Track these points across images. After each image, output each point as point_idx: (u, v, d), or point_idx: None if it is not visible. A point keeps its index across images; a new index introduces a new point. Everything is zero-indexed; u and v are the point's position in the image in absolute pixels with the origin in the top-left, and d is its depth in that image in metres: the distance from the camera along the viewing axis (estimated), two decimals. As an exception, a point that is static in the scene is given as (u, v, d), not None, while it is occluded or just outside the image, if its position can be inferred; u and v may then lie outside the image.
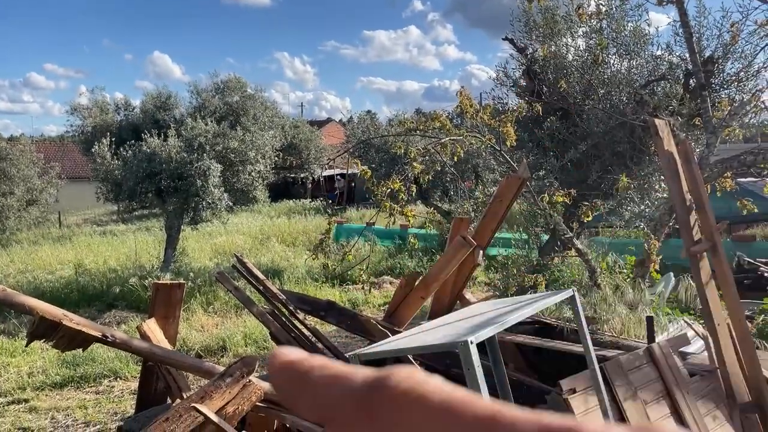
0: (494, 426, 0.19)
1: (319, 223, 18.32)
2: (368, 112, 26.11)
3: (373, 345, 3.11)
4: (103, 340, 3.50)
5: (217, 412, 2.99)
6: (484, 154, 8.30)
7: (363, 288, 10.43)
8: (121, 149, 12.93)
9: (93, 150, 13.32)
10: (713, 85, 7.13)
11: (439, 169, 8.75)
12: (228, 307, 9.93)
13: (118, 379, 7.12)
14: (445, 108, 7.96)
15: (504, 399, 3.13)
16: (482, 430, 0.19)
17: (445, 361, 3.85)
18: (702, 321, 4.65)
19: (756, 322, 5.55)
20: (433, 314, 4.68)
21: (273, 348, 7.05)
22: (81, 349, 3.66)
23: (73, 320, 3.41)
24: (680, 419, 3.42)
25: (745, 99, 6.81)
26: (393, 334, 3.85)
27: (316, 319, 5.02)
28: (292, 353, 0.24)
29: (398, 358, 3.83)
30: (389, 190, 5.91)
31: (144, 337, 3.92)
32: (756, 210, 6.45)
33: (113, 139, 13.40)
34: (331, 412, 0.22)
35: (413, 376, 0.21)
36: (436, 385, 0.21)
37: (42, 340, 3.50)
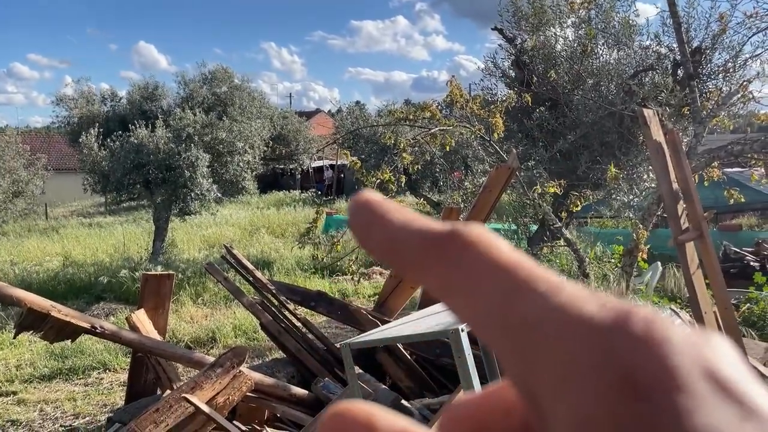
0: (554, 292, 0.20)
1: (308, 214, 18.29)
2: (357, 102, 26.04)
3: (363, 334, 3.11)
4: (92, 332, 3.48)
5: (208, 403, 2.99)
6: (473, 144, 8.31)
7: (353, 279, 10.44)
8: (108, 140, 12.82)
9: (80, 141, 13.19)
10: (701, 76, 7.17)
11: (429, 159, 8.76)
12: (218, 299, 9.89)
13: (108, 371, 7.09)
14: (435, 98, 7.98)
15: (494, 387, 3.14)
16: (540, 292, 0.20)
17: (435, 350, 3.87)
18: (689, 309, 4.70)
19: (742, 311, 5.62)
20: (423, 304, 4.69)
21: (264, 337, 7.00)
22: (69, 341, 3.64)
23: (62, 311, 3.39)
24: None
25: (733, 89, 6.86)
26: (383, 324, 3.85)
27: (306, 309, 5.02)
28: (374, 195, 0.24)
29: (388, 347, 3.84)
30: (379, 180, 5.91)
31: (133, 328, 3.90)
32: (743, 200, 6.51)
33: (100, 130, 13.28)
34: (402, 250, 0.22)
35: (486, 233, 0.22)
36: (505, 244, 0.22)
37: (30, 332, 3.48)
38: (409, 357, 3.97)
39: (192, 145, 12.46)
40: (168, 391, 3.50)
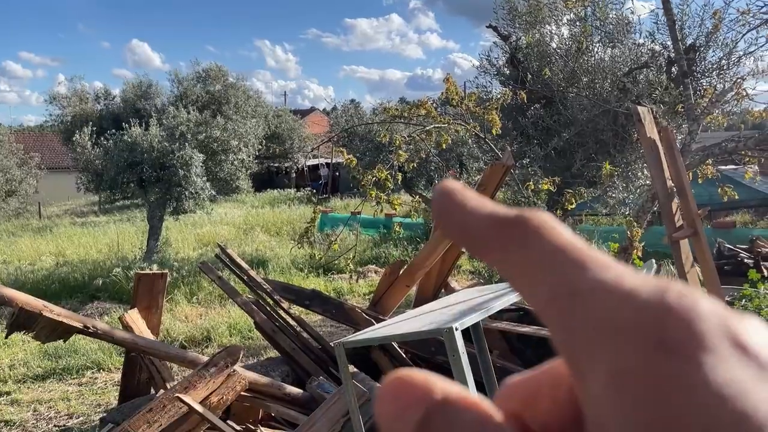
0: (601, 269, 0.22)
1: (303, 213, 18.26)
2: (352, 101, 26.01)
3: (357, 333, 3.10)
4: (85, 331, 3.46)
5: (202, 402, 2.97)
6: (468, 142, 8.30)
7: (348, 277, 10.43)
8: (102, 139, 12.77)
9: (73, 140, 13.14)
10: (695, 73, 7.18)
11: (424, 157, 8.75)
12: (212, 298, 9.87)
13: (101, 370, 7.06)
14: (430, 96, 7.97)
15: (489, 386, 3.14)
16: (587, 269, 0.22)
17: (430, 348, 3.86)
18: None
19: (736, 308, 5.63)
20: (418, 302, 4.68)
21: (259, 336, 6.98)
22: (62, 341, 3.62)
23: (54, 311, 3.37)
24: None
25: (727, 87, 6.87)
26: (378, 323, 3.84)
27: (301, 308, 5.01)
28: (455, 184, 0.27)
29: (383, 346, 3.83)
30: (375, 178, 5.89)
31: (126, 327, 3.88)
32: (736, 197, 6.53)
33: (94, 129, 13.23)
34: (475, 232, 0.25)
35: (549, 219, 0.24)
36: (564, 230, 0.24)
37: (22, 332, 3.45)
38: (404, 356, 3.96)
39: (186, 143, 12.41)
40: (162, 391, 3.48)
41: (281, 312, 4.38)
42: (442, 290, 4.91)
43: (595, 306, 0.21)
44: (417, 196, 13.51)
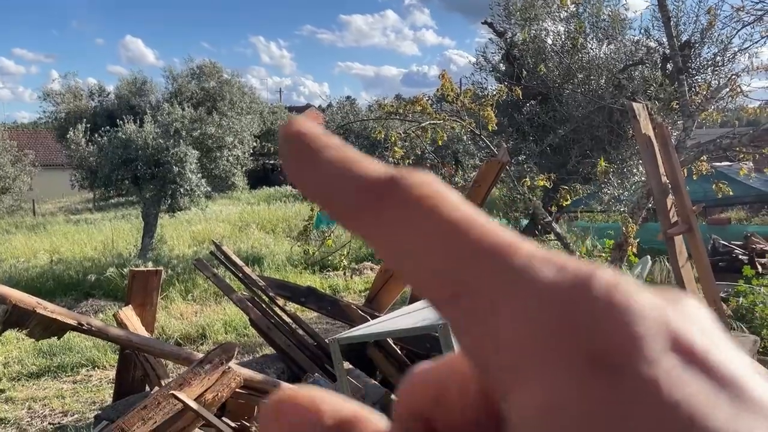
0: (508, 254, 0.17)
1: (299, 210, 18.23)
2: (348, 97, 25.97)
3: (353, 329, 3.10)
4: (79, 328, 3.45)
5: (196, 399, 2.96)
6: (464, 139, 8.31)
7: (344, 274, 10.43)
8: (96, 136, 12.71)
9: (67, 137, 13.08)
10: (690, 70, 7.19)
11: (420, 153, 8.74)
12: (207, 295, 9.85)
13: (96, 368, 7.04)
14: (425, 93, 7.97)
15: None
16: (492, 255, 0.18)
17: (425, 344, 3.86)
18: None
19: (731, 304, 5.64)
20: (414, 299, 4.68)
21: (254, 333, 6.97)
22: (56, 338, 3.60)
23: (48, 308, 3.35)
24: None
25: (722, 83, 6.88)
26: (373, 319, 3.84)
27: (296, 305, 5.00)
28: (311, 125, 0.22)
29: (379, 342, 3.83)
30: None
31: (121, 324, 3.87)
32: (731, 193, 6.55)
33: (88, 126, 13.17)
34: (335, 195, 0.20)
35: (433, 183, 0.19)
36: (455, 197, 0.19)
37: (16, 329, 3.44)
38: (399, 352, 3.96)
39: (181, 140, 12.37)
40: (156, 388, 3.47)
41: (276, 309, 4.37)
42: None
43: (506, 308, 0.17)
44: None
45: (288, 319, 4.40)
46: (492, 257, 0.18)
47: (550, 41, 8.05)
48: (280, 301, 4.48)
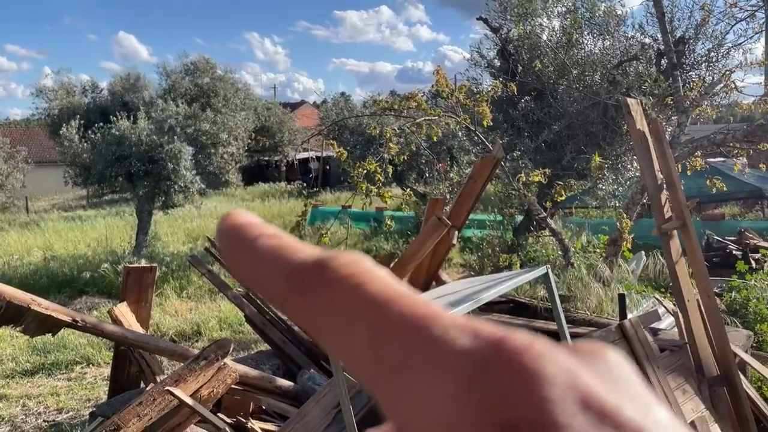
0: (424, 327, 0.18)
1: (293, 207, 18.21)
2: (342, 94, 25.91)
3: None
4: (74, 325, 3.43)
5: (192, 395, 2.95)
6: (459, 135, 8.30)
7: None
8: (90, 132, 12.64)
9: (60, 133, 12.99)
10: (684, 65, 7.21)
11: (414, 150, 8.74)
12: (202, 292, 9.83)
13: (91, 365, 7.02)
14: (420, 89, 7.95)
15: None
16: (410, 329, 0.18)
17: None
18: (672, 298, 4.74)
19: (724, 299, 5.67)
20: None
21: (249, 330, 6.98)
22: (51, 335, 3.58)
23: (42, 305, 3.34)
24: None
25: (716, 79, 6.90)
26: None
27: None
28: (246, 216, 0.23)
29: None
30: (365, 171, 5.87)
31: (116, 321, 3.86)
32: (725, 189, 6.57)
33: (81, 122, 13.08)
34: (266, 283, 0.21)
35: (358, 263, 0.20)
36: (379, 275, 0.20)
37: (10, 326, 3.42)
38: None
39: (175, 136, 12.32)
40: (152, 385, 3.46)
41: (271, 305, 4.36)
42: (433, 283, 4.92)
43: (422, 383, 0.17)
44: (408, 190, 13.51)
45: (283, 316, 4.39)
46: (410, 332, 0.18)
47: (545, 37, 8.05)
48: (276, 298, 4.47)
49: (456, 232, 4.73)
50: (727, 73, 6.78)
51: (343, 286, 0.19)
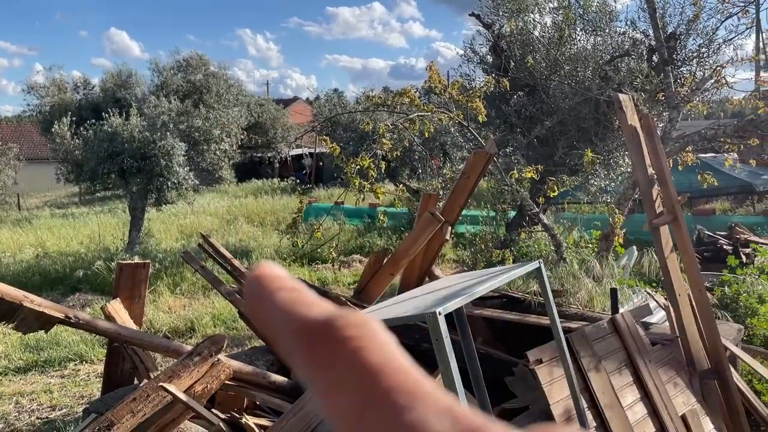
0: (408, 407, 0.19)
1: (287, 203, 18.19)
2: (335, 90, 25.85)
3: (342, 321, 3.10)
4: (67, 322, 3.43)
5: (186, 391, 2.96)
6: (452, 131, 8.31)
7: (332, 266, 10.43)
8: (81, 129, 12.58)
9: (52, 130, 12.93)
10: (676, 61, 7.24)
11: (407, 146, 8.75)
12: (196, 288, 9.81)
13: (84, 362, 7.01)
14: (413, 84, 7.95)
15: (473, 372, 3.17)
16: (394, 405, 0.19)
17: (414, 335, 3.88)
18: (664, 292, 4.78)
19: (715, 293, 5.72)
20: (402, 291, 4.69)
21: (243, 326, 6.97)
22: (44, 332, 3.58)
23: (35, 302, 3.33)
24: (642, 386, 3.51)
25: (707, 75, 6.94)
26: (362, 310, 3.85)
27: (285, 297, 4.99)
28: (273, 269, 0.24)
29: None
30: (358, 167, 5.88)
31: (109, 317, 3.85)
32: (716, 184, 6.61)
33: (73, 119, 13.03)
34: (277, 333, 0.23)
35: (364, 326, 0.21)
36: (381, 341, 0.21)
37: (2, 323, 3.41)
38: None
39: (167, 133, 12.28)
40: (145, 381, 3.46)
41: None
42: (426, 278, 4.93)
43: None
44: (401, 185, 13.51)
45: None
46: (394, 407, 0.19)
47: (537, 33, 8.06)
48: (269, 294, 4.48)
49: (449, 228, 4.74)
50: (718, 68, 6.82)
51: (345, 348, 0.20)
